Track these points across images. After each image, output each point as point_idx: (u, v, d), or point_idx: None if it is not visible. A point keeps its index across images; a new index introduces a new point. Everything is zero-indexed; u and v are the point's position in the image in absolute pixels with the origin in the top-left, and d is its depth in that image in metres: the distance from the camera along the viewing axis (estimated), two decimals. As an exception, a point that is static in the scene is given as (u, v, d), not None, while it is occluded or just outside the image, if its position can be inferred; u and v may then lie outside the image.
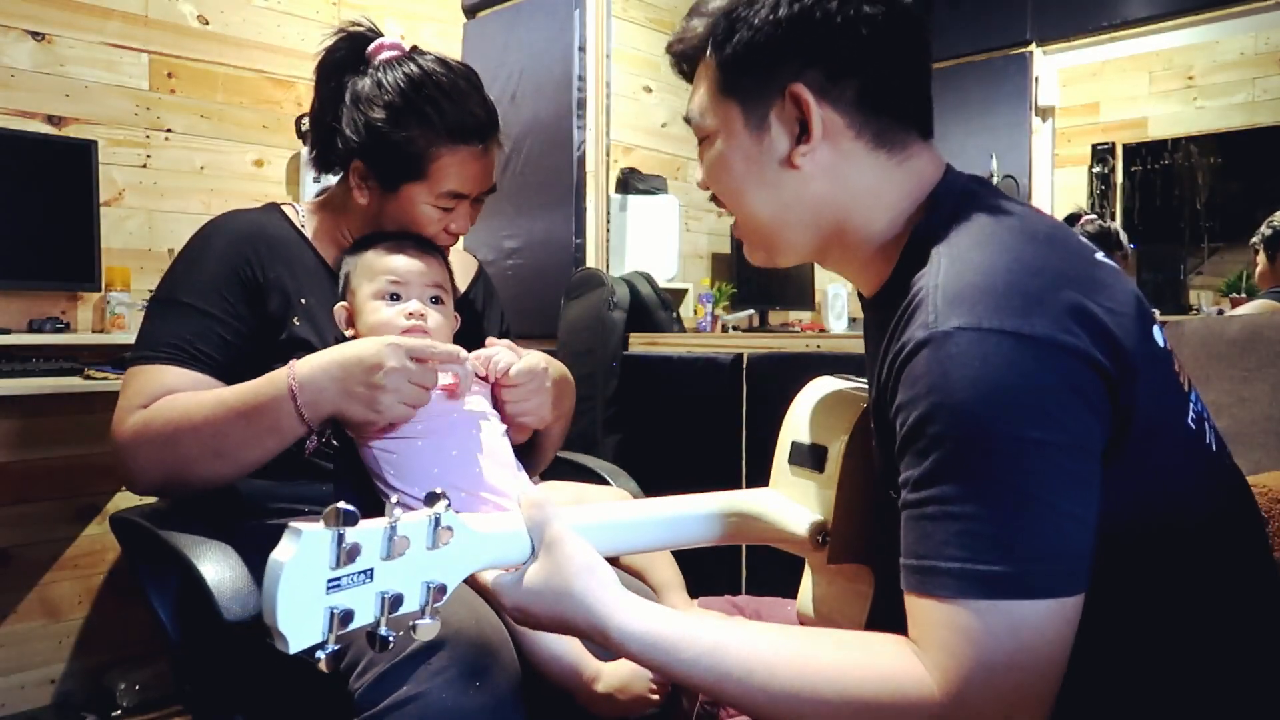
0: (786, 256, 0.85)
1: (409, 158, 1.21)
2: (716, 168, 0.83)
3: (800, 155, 0.77)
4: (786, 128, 0.78)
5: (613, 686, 1.00)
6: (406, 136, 1.20)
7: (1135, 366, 0.66)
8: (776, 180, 0.79)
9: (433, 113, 1.20)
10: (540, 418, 1.25)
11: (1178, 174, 3.92)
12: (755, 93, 0.78)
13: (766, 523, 0.91)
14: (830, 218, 0.80)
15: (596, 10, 2.47)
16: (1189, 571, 0.72)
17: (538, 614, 0.74)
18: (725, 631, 0.70)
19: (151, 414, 1.10)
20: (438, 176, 1.22)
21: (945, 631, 0.62)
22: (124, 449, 1.11)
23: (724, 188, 0.83)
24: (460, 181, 1.24)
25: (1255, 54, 3.76)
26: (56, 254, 2.11)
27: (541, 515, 0.76)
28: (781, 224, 0.81)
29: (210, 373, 1.14)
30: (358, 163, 1.23)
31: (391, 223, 1.26)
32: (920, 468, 0.65)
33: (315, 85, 1.28)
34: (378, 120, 1.20)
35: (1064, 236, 0.73)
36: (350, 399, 1.06)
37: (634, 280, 2.36)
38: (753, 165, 0.80)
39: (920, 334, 0.67)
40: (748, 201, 0.82)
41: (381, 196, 1.24)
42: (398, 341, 1.08)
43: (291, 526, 0.62)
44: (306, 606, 0.62)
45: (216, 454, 1.08)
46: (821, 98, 0.76)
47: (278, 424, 1.07)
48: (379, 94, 1.21)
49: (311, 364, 1.07)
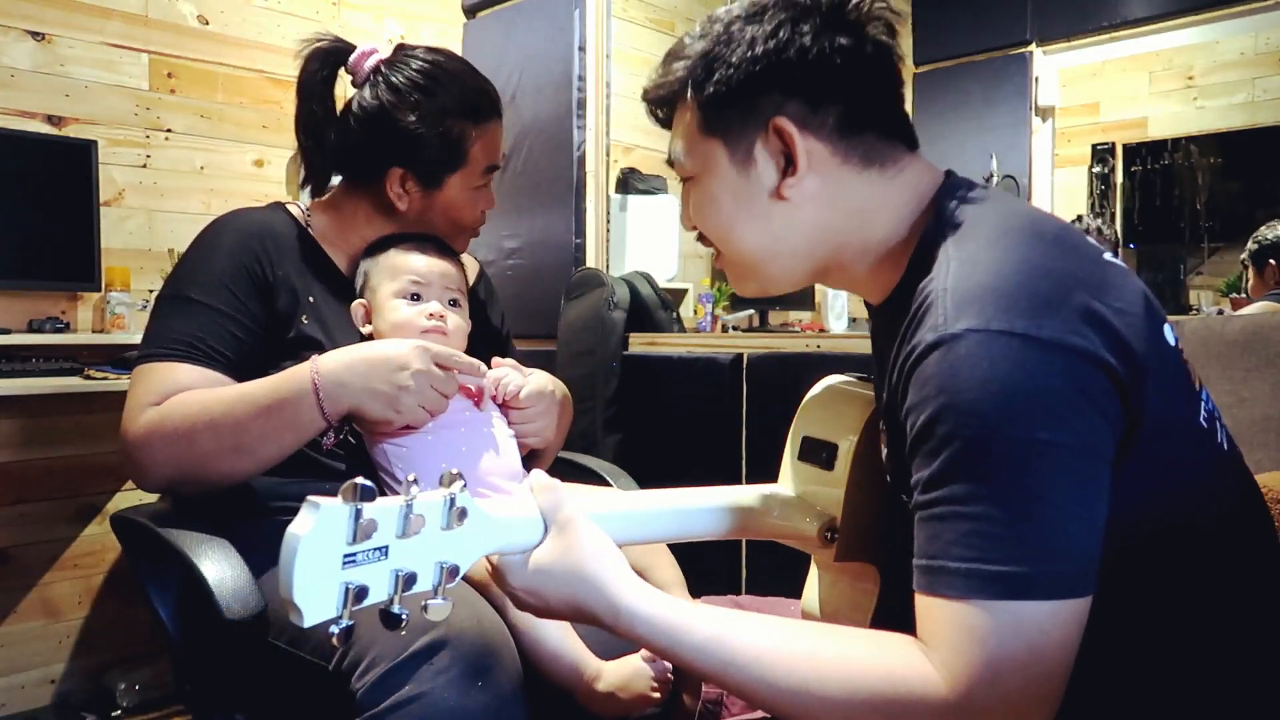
0: (780, 286, 0.85)
1: (449, 149, 1.24)
2: (704, 207, 0.83)
3: (788, 187, 0.78)
4: (773, 161, 0.79)
5: (614, 685, 1.00)
6: (442, 130, 1.22)
7: (1145, 367, 0.66)
8: (766, 213, 0.80)
9: (456, 100, 1.23)
10: (545, 439, 1.27)
11: (1178, 174, 3.93)
12: (738, 129, 0.79)
13: (774, 518, 0.91)
14: (825, 241, 0.81)
15: (596, 10, 2.47)
16: (1200, 571, 0.72)
17: (547, 595, 0.74)
18: (734, 620, 0.71)
19: (166, 410, 1.09)
20: (475, 159, 1.26)
21: (953, 631, 0.63)
22: (136, 446, 1.10)
23: (712, 225, 0.84)
24: (492, 156, 1.29)
25: (1255, 54, 3.77)
26: (56, 254, 2.11)
27: (555, 498, 0.76)
28: (774, 254, 0.82)
29: (222, 370, 1.14)
30: (395, 170, 1.24)
31: (440, 218, 1.28)
32: (930, 468, 0.66)
33: (299, 107, 1.28)
34: (410, 124, 1.21)
35: (1072, 237, 0.73)
36: (372, 396, 1.07)
37: (634, 280, 2.36)
38: (741, 200, 0.81)
39: (930, 336, 0.67)
40: (738, 237, 0.82)
41: (425, 196, 1.26)
42: (425, 345, 1.10)
43: (310, 500, 0.62)
44: (322, 581, 0.62)
45: (235, 449, 1.08)
46: (804, 128, 0.77)
47: (298, 418, 1.07)
48: (398, 99, 1.22)
49: (336, 359, 1.08)
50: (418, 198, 1.26)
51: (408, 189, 1.25)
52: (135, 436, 1.10)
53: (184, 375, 1.12)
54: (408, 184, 1.25)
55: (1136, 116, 4.04)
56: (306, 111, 1.28)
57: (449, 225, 1.30)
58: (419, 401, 1.08)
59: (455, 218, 1.29)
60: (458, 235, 1.32)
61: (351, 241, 1.29)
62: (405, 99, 1.22)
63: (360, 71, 1.26)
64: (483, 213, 1.33)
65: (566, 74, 2.46)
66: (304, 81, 1.27)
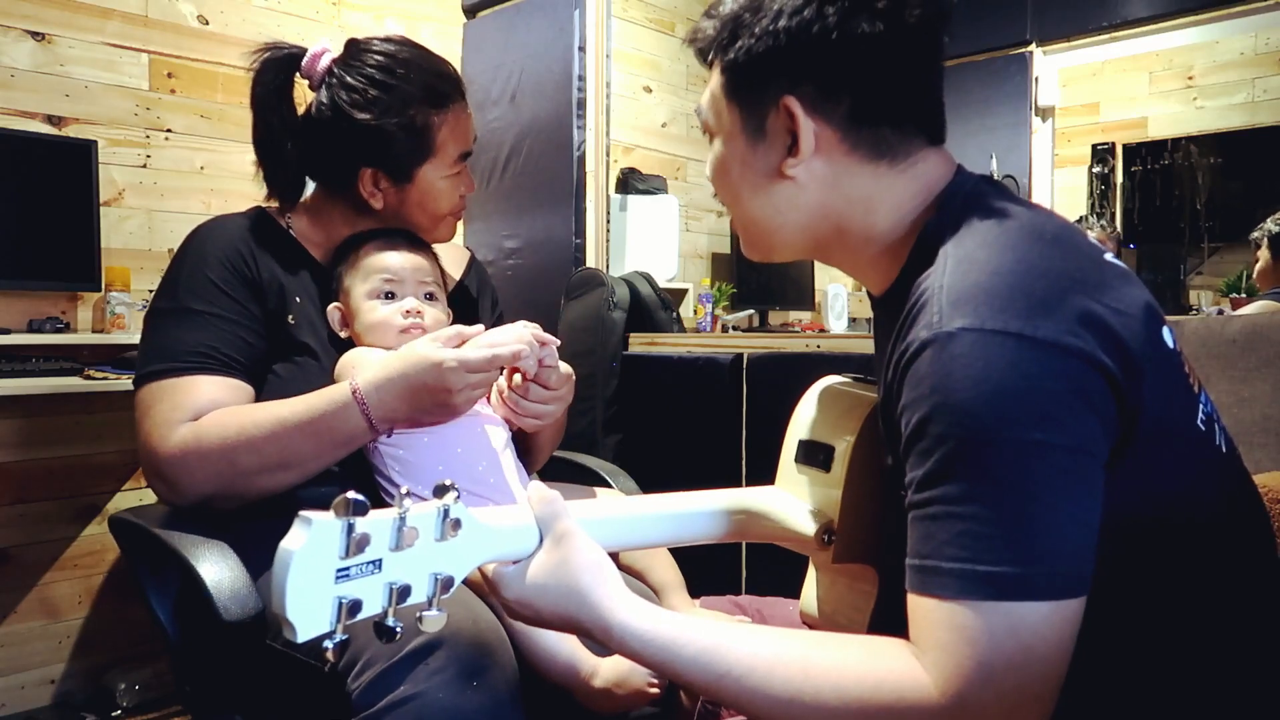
0: (782, 255, 0.86)
1: (415, 140, 1.22)
2: (717, 167, 0.85)
3: (790, 167, 0.78)
4: (780, 138, 0.78)
5: (610, 681, 1.00)
6: (405, 122, 1.21)
7: (1142, 368, 0.66)
8: (770, 187, 0.80)
9: (415, 88, 1.21)
10: (544, 424, 1.25)
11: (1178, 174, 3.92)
12: (754, 99, 0.79)
13: (772, 521, 0.91)
14: (826, 223, 0.80)
15: (596, 10, 2.47)
16: (1197, 572, 0.72)
17: (540, 608, 0.74)
18: (725, 632, 0.70)
19: (202, 429, 1.08)
20: (444, 146, 1.24)
21: (945, 631, 0.62)
22: (170, 464, 1.09)
23: (721, 187, 0.85)
24: (461, 140, 1.27)
25: (1255, 54, 3.76)
26: (56, 254, 2.11)
27: (552, 510, 0.76)
28: (777, 227, 0.82)
29: (241, 376, 1.15)
30: (365, 170, 1.23)
31: (417, 210, 1.27)
32: (923, 468, 0.65)
33: (255, 122, 1.25)
34: (371, 121, 1.20)
35: (1071, 237, 0.73)
36: (423, 413, 1.08)
37: (634, 280, 2.36)
38: (748, 170, 0.81)
39: (924, 334, 0.67)
40: (743, 203, 0.83)
41: (398, 191, 1.25)
42: (459, 360, 1.05)
43: (302, 515, 0.62)
44: (315, 595, 0.62)
45: (282, 466, 1.09)
46: (815, 112, 0.76)
47: (350, 439, 1.09)
48: (355, 97, 1.20)
49: (380, 392, 1.06)
50: (392, 194, 1.25)
51: (381, 187, 1.25)
52: (169, 454, 1.09)
53: (209, 388, 1.12)
54: (380, 182, 1.24)
55: (1136, 116, 4.03)
56: (263, 126, 1.25)
57: (428, 217, 1.28)
58: (468, 400, 1.08)
59: (433, 208, 1.28)
60: (439, 223, 1.31)
61: (333, 241, 1.29)
62: (363, 96, 1.20)
63: (315, 74, 1.24)
64: (462, 197, 1.31)
65: (566, 74, 2.46)
66: (258, 95, 1.24)
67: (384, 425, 1.09)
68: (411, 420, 1.09)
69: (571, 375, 1.23)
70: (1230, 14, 3.22)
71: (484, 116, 2.67)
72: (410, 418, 1.09)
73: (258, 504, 1.12)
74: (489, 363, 1.06)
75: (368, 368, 1.10)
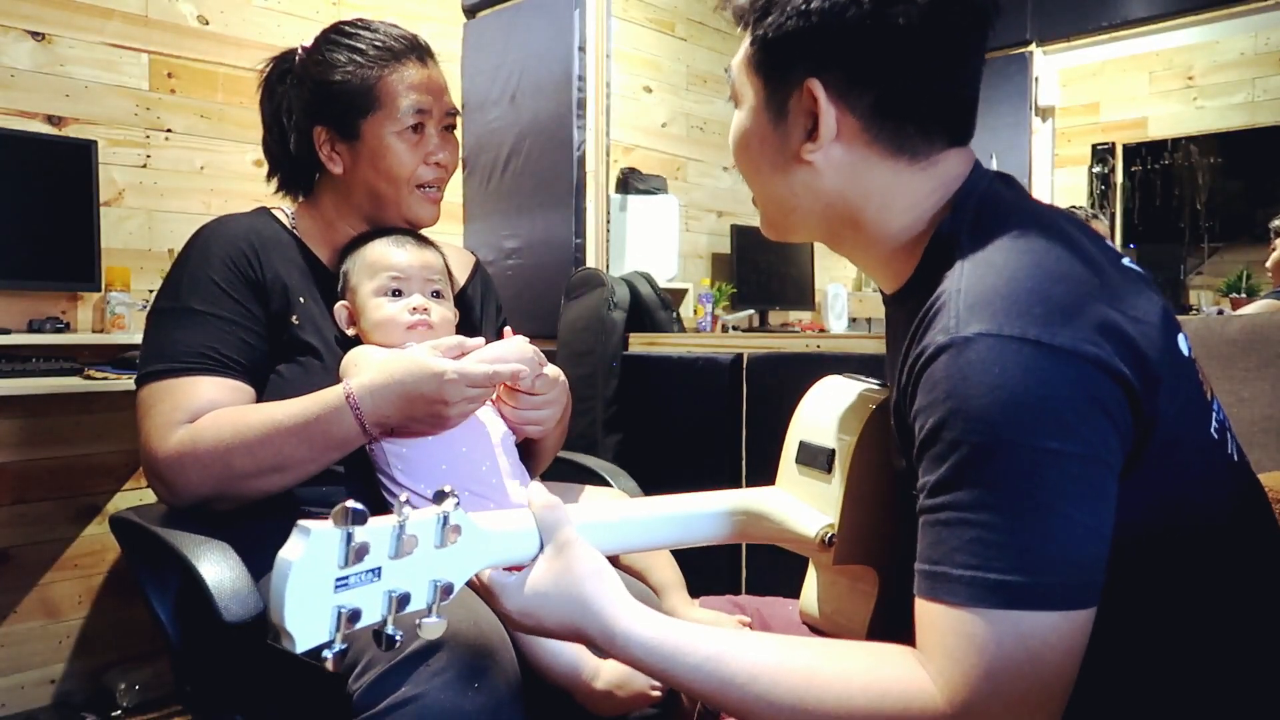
0: (796, 236, 0.85)
1: (356, 92, 1.23)
2: (739, 139, 0.83)
3: (808, 151, 0.76)
4: (801, 121, 0.76)
5: (612, 683, 1.00)
6: (345, 76, 1.23)
7: (1158, 376, 0.65)
8: (787, 168, 0.79)
9: (358, 43, 1.25)
10: (546, 429, 1.25)
11: (1178, 174, 3.93)
12: (778, 78, 0.77)
13: (773, 522, 0.91)
14: (841, 212, 0.79)
15: (596, 10, 2.47)
16: (1209, 581, 0.71)
17: (543, 617, 0.74)
18: (729, 640, 0.70)
19: (198, 432, 1.09)
20: (390, 99, 1.23)
21: (952, 638, 0.62)
22: (168, 466, 1.09)
23: (740, 160, 0.84)
24: (414, 97, 1.24)
25: (1255, 54, 3.77)
26: (56, 254, 2.11)
27: (554, 517, 0.76)
28: (791, 209, 0.81)
29: (240, 378, 1.15)
30: (318, 129, 1.26)
31: (373, 173, 1.24)
32: (936, 473, 0.65)
33: (263, 117, 1.33)
34: (315, 79, 1.25)
35: (1090, 241, 0.72)
36: (415, 422, 1.08)
37: (634, 280, 2.36)
38: (766, 148, 0.80)
39: (941, 339, 0.66)
40: (760, 180, 0.82)
41: (351, 151, 1.25)
42: (458, 372, 1.05)
43: (300, 525, 0.62)
44: (314, 605, 0.62)
45: (276, 469, 1.09)
46: (838, 99, 0.74)
47: (344, 442, 1.09)
48: (307, 62, 1.27)
49: (374, 396, 1.07)
50: (345, 154, 1.26)
51: (337, 149, 1.26)
52: (167, 456, 1.09)
53: (208, 389, 1.12)
54: (336, 144, 1.26)
55: (1136, 116, 4.04)
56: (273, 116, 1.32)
57: (388, 181, 1.25)
58: (461, 412, 1.09)
59: (388, 169, 1.24)
60: (403, 190, 1.26)
61: (334, 239, 1.29)
62: (312, 60, 1.26)
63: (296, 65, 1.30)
64: (434, 164, 1.27)
65: (566, 74, 2.46)
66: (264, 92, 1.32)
67: (376, 430, 1.09)
68: (403, 427, 1.09)
69: (561, 377, 1.22)
70: (1230, 14, 3.22)
71: (484, 116, 2.67)
72: (402, 425, 1.09)
73: (259, 503, 1.12)
74: (489, 379, 1.07)
75: (366, 370, 1.10)
